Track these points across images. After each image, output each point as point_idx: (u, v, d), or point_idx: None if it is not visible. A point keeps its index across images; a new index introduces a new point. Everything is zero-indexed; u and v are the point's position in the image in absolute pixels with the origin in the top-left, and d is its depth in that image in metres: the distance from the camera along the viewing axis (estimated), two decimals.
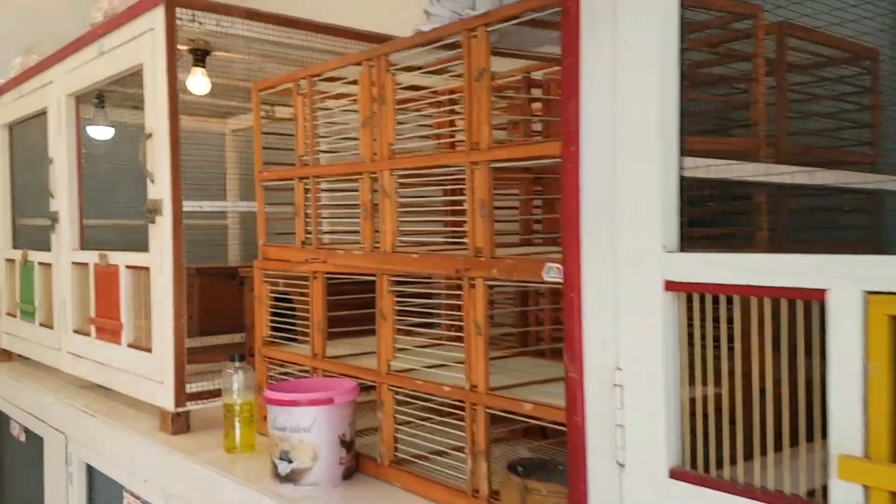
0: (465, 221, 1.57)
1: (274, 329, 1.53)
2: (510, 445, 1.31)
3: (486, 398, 1.05)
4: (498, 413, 1.06)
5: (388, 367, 1.23)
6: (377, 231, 1.25)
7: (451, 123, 1.58)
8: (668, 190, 0.75)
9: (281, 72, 1.71)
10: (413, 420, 1.25)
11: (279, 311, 1.54)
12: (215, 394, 1.56)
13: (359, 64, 1.26)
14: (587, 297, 0.80)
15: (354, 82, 1.39)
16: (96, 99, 2.27)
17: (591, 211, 0.79)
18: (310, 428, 1.20)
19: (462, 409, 1.11)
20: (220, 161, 2.73)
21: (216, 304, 2.21)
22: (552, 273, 0.92)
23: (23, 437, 2.29)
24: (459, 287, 1.62)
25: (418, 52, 1.19)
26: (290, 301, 1.64)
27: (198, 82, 1.87)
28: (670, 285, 0.74)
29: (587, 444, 0.81)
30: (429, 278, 1.32)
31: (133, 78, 1.85)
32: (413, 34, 1.12)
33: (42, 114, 2.16)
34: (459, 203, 1.55)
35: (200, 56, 1.84)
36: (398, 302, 1.24)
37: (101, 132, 2.40)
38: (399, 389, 1.21)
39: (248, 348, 2.10)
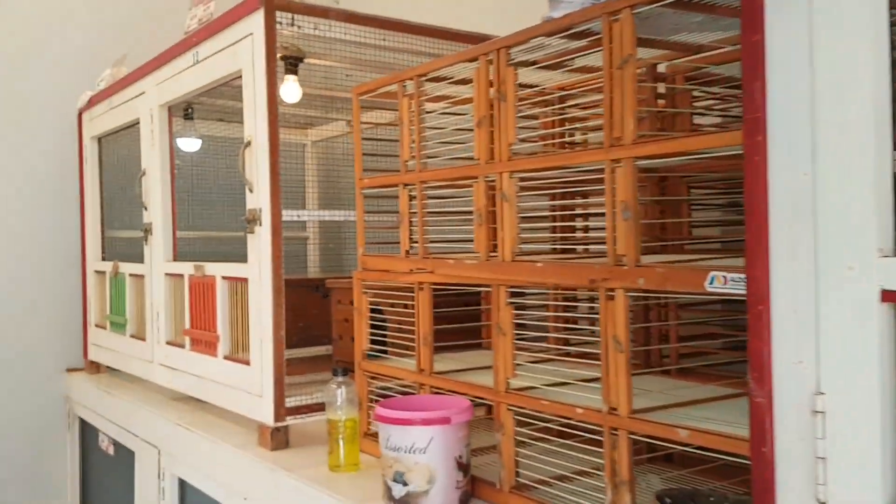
0: (573, 227, 1.49)
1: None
2: (637, 472, 1.20)
3: (628, 422, 0.95)
4: (639, 438, 0.96)
5: (507, 385, 1.14)
6: (494, 241, 1.17)
7: (561, 123, 1.49)
8: (882, 185, 0.64)
9: (368, 78, 1.65)
10: (529, 441, 1.16)
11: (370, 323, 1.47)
12: (314, 408, 1.50)
13: (473, 60, 1.19)
14: (777, 311, 0.70)
15: (460, 82, 1.32)
16: (186, 110, 2.27)
17: (783, 209, 0.69)
18: (426, 449, 1.12)
19: (590, 431, 1.01)
20: (300, 172, 2.71)
21: (300, 317, 2.17)
22: (716, 283, 0.82)
23: (111, 451, 2.28)
24: (567, 298, 1.53)
25: (534, 45, 1.11)
26: (379, 312, 1.57)
27: (290, 90, 1.83)
28: (888, 295, 0.63)
29: (777, 478, 0.70)
30: (525, 289, 1.23)
31: (222, 89, 1.83)
32: (541, 22, 1.04)
33: (133, 125, 2.16)
34: (571, 208, 1.47)
35: (293, 63, 1.81)
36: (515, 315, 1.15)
37: (189, 144, 2.40)
38: (520, 409, 1.12)
39: (335, 361, 2.04)
